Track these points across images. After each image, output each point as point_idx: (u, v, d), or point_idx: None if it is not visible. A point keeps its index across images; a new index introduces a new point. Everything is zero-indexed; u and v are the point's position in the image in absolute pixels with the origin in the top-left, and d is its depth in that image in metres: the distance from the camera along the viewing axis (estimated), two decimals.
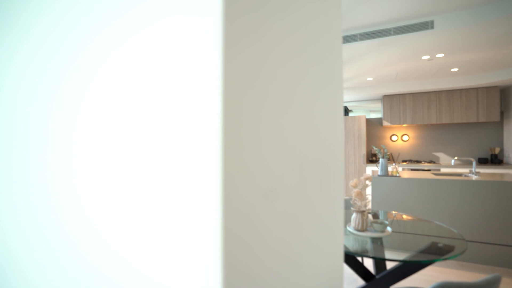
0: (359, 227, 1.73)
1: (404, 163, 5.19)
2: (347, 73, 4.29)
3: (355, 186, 1.77)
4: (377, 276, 1.86)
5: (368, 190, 5.21)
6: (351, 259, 1.83)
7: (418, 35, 2.76)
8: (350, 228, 1.80)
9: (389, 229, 1.79)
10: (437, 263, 2.97)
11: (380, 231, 1.73)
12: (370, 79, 4.65)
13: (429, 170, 4.78)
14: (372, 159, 5.72)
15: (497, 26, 2.59)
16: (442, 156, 5.33)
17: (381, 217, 2.39)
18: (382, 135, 5.83)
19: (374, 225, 1.73)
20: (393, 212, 2.85)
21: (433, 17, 2.64)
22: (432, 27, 2.65)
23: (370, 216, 1.86)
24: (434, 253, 1.62)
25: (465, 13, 2.53)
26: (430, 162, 5.26)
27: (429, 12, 2.57)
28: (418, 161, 5.31)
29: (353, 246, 1.71)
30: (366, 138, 5.52)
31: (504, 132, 4.91)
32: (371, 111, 10.67)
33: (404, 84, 4.96)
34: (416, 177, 3.22)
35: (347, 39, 2.98)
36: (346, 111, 10.18)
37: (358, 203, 1.70)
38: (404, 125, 5.53)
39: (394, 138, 5.68)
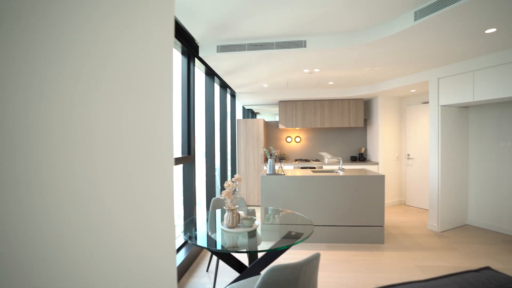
0: (230, 224, 1.89)
1: (296, 162, 5.88)
2: (243, 79, 4.57)
3: (228, 187, 1.92)
4: (249, 266, 2.07)
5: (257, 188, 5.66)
6: (224, 255, 1.97)
7: (295, 51, 3.17)
8: (223, 226, 1.95)
9: (257, 223, 2.01)
10: (308, 245, 3.49)
11: (249, 226, 1.93)
12: (265, 85, 5.08)
13: (314, 167, 5.56)
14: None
15: (352, 52, 3.22)
16: (326, 155, 6.27)
17: (269, 212, 2.66)
18: (279, 137, 6.45)
19: (243, 221, 1.92)
20: (270, 207, 3.19)
21: (306, 37, 3.09)
22: (305, 46, 3.10)
23: (242, 213, 2.05)
24: (292, 238, 1.92)
25: (329, 38, 3.06)
26: (316, 160, 6.12)
27: (303, 33, 3.00)
28: (307, 160, 6.11)
29: (224, 243, 1.85)
30: (265, 140, 6.00)
31: (367, 135, 6.16)
32: (276, 114, 11.57)
33: (295, 92, 5.62)
34: (297, 175, 3.70)
35: (237, 47, 3.18)
36: (253, 113, 10.73)
37: (228, 202, 1.85)
38: (297, 128, 6.26)
39: (288, 139, 6.37)
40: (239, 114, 6.76)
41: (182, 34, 2.91)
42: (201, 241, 1.82)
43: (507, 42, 2.96)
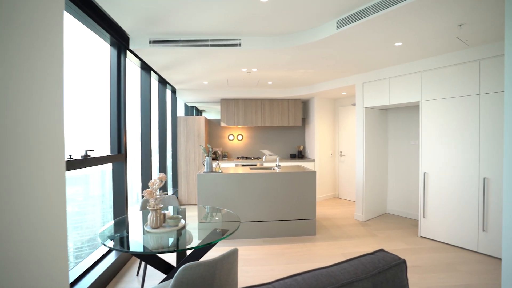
0: (154, 225, 1.82)
1: (238, 160, 5.94)
2: (181, 76, 4.44)
3: (151, 185, 1.85)
4: (176, 266, 2.02)
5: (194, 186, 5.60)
6: (147, 257, 1.89)
7: (230, 50, 3.19)
8: (147, 227, 1.87)
9: (183, 222, 1.98)
10: (245, 241, 3.56)
11: (174, 225, 1.89)
12: (206, 83, 5.01)
13: (255, 165, 5.69)
14: (212, 156, 6.21)
15: (284, 54, 3.37)
16: (267, 153, 6.48)
17: (207, 210, 2.62)
18: (222, 134, 6.44)
19: (169, 220, 1.87)
20: (207, 206, 3.16)
21: (241, 37, 3.13)
22: (240, 45, 3.14)
23: (167, 212, 1.99)
24: (217, 235, 1.93)
25: (262, 39, 3.15)
26: (258, 158, 6.28)
27: (238, 32, 3.03)
28: (248, 158, 6.22)
29: (149, 244, 1.77)
30: (206, 138, 5.93)
31: (305, 134, 6.54)
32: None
33: (236, 90, 5.67)
34: (234, 173, 3.74)
35: (171, 42, 3.07)
36: (198, 110, 10.51)
37: (152, 202, 1.78)
38: (239, 126, 6.33)
39: (231, 137, 6.40)
40: (181, 111, 6.55)
41: (109, 24, 2.69)
42: (120, 243, 1.71)
43: (411, 55, 3.43)
